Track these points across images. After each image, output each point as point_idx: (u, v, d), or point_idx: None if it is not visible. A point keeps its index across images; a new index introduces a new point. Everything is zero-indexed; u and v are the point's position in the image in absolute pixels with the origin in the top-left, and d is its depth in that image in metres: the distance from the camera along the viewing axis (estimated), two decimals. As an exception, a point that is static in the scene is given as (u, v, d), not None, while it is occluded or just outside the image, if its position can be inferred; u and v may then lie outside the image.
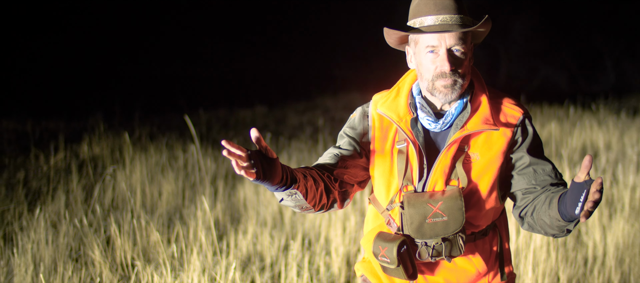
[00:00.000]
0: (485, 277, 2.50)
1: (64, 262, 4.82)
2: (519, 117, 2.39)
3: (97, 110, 13.18)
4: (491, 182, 2.37)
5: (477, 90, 2.42)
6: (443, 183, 2.34)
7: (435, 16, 2.28)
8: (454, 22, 2.27)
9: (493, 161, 2.36)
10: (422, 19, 2.30)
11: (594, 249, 5.34)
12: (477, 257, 2.46)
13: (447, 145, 2.31)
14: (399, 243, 2.31)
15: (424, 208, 2.29)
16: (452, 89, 2.29)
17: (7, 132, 10.48)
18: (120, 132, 9.75)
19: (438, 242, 2.32)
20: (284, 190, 2.18)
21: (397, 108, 2.42)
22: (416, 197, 2.32)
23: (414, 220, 2.30)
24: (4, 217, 5.98)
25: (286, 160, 8.49)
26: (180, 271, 4.85)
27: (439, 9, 2.28)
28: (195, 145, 8.40)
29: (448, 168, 2.34)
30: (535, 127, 2.45)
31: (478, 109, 2.36)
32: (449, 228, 2.29)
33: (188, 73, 27.36)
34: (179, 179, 7.27)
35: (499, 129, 2.33)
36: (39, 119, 12.37)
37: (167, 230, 5.84)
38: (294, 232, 5.89)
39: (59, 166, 7.99)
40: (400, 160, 2.39)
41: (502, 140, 2.36)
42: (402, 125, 2.37)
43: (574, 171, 7.70)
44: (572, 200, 2.04)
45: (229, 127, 13.09)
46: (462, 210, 2.27)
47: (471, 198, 2.37)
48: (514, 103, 2.44)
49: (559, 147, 9.65)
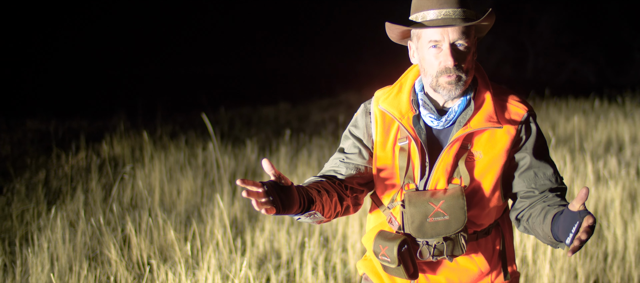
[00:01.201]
0: (487, 277, 2.45)
1: (79, 261, 4.83)
2: (524, 115, 2.34)
3: (121, 109, 13.26)
4: (494, 180, 2.32)
5: (481, 87, 2.36)
6: (445, 182, 2.30)
7: (438, 10, 2.22)
8: (456, 16, 2.21)
9: (496, 159, 2.31)
10: (424, 13, 2.25)
11: (615, 244, 5.24)
12: (480, 256, 2.41)
13: (450, 143, 2.27)
14: (399, 242, 2.26)
15: (425, 207, 2.25)
16: (456, 86, 2.24)
17: (31, 132, 10.57)
18: (141, 130, 9.78)
19: (439, 241, 2.28)
20: (303, 213, 2.17)
21: (399, 104, 2.37)
22: (417, 195, 2.28)
23: (415, 219, 2.26)
24: (24, 217, 6.02)
25: (306, 157, 8.46)
26: (196, 269, 4.84)
27: (442, 3, 2.23)
28: (213, 142, 8.40)
29: (450, 166, 2.29)
30: (540, 126, 2.42)
31: (482, 106, 2.31)
32: (451, 227, 2.24)
33: (212, 71, 27.46)
34: (197, 177, 7.27)
35: (502, 126, 2.28)
36: (63, 119, 12.47)
37: (185, 228, 5.84)
38: (312, 230, 5.86)
39: (80, 165, 8.04)
40: (402, 157, 2.34)
41: (506, 138, 2.31)
42: (404, 122, 2.32)
43: (596, 165, 7.58)
44: (564, 227, 2.04)
45: (252, 124, 13.10)
46: (464, 209, 2.23)
47: (474, 197, 2.33)
48: (519, 100, 2.38)
49: (583, 141, 9.52)
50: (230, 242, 5.24)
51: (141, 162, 8.03)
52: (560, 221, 2.07)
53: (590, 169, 7.13)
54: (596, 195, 6.44)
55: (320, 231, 5.78)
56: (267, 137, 10.99)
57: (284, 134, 10.01)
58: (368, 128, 2.46)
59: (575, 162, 7.81)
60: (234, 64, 30.07)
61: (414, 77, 2.45)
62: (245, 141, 9.55)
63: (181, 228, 5.77)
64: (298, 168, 7.86)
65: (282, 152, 8.51)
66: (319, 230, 5.78)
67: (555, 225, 2.12)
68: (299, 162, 8.11)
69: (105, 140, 9.44)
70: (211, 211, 6.21)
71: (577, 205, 1.99)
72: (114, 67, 25.93)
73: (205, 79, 24.65)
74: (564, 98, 15.34)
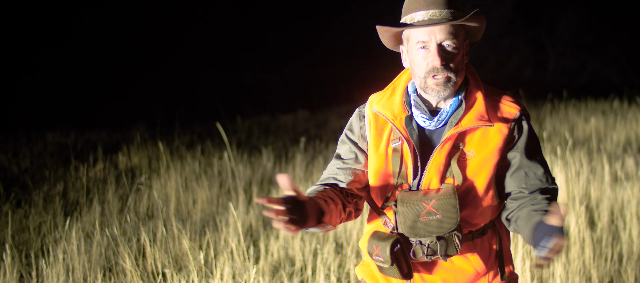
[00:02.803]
0: (484, 277, 2.43)
1: (94, 272, 4.88)
2: (516, 114, 2.34)
3: (140, 120, 13.35)
4: (487, 179, 2.32)
5: (472, 87, 2.37)
6: (438, 181, 2.30)
7: (425, 11, 2.25)
8: (443, 16, 2.24)
9: (489, 158, 2.31)
10: (412, 15, 2.28)
11: (630, 245, 5.20)
12: (475, 256, 2.39)
13: (441, 142, 2.27)
14: (392, 242, 2.27)
15: (417, 206, 2.25)
16: (445, 86, 2.26)
17: (51, 145, 10.68)
18: (159, 141, 9.85)
19: (433, 241, 2.27)
20: (316, 226, 2.21)
21: (392, 106, 2.39)
22: (410, 195, 2.28)
23: (407, 218, 2.26)
24: (41, 229, 6.08)
25: (322, 165, 8.47)
26: (209, 277, 4.87)
27: (429, 4, 2.25)
28: (228, 151, 8.44)
29: (442, 166, 2.29)
30: (533, 128, 2.39)
31: (473, 105, 2.31)
32: (443, 226, 2.24)
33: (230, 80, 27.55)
34: (213, 186, 7.31)
35: (494, 125, 2.28)
36: (83, 131, 12.58)
37: (199, 237, 5.87)
38: (326, 237, 5.86)
39: (97, 177, 8.11)
40: (395, 158, 2.35)
41: (498, 137, 2.31)
42: (396, 123, 2.33)
43: (614, 166, 7.52)
44: (538, 239, 2.07)
45: (270, 132, 13.13)
46: (456, 208, 2.22)
47: (467, 196, 2.32)
48: (512, 100, 2.39)
49: (601, 141, 9.45)
50: (244, 250, 5.26)
51: (157, 172, 8.09)
52: (537, 232, 2.10)
53: (607, 170, 7.07)
54: (613, 196, 6.39)
55: (334, 238, 5.79)
56: (284, 145, 11.01)
57: (300, 141, 10.02)
58: (362, 131, 2.48)
59: (592, 163, 7.75)
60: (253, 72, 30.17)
61: (407, 79, 2.47)
62: (262, 149, 9.58)
63: (196, 238, 5.80)
64: (313, 175, 7.87)
65: (298, 160, 8.53)
66: (333, 236, 5.78)
67: (534, 235, 2.13)
68: (315, 169, 8.13)
69: (122, 152, 9.52)
70: (226, 220, 6.23)
71: (553, 222, 2.01)
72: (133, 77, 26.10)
73: (224, 88, 24.74)
74: (584, 99, 15.22)
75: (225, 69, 30.21)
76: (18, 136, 11.48)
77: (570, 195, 6.30)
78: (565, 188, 6.37)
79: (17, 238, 5.84)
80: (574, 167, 7.08)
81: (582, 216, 5.45)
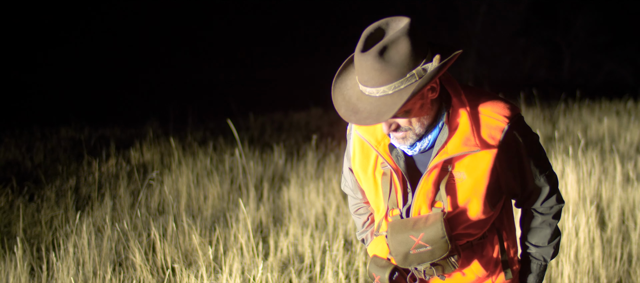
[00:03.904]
0: (488, 279, 2.43)
1: (104, 266, 4.91)
2: (504, 129, 2.18)
3: (154, 116, 13.40)
4: (481, 200, 2.24)
5: (455, 105, 2.19)
6: (427, 207, 2.24)
7: (362, 87, 2.04)
8: (381, 94, 2.00)
9: (480, 180, 2.21)
10: (358, 78, 2.06)
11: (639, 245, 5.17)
12: (475, 263, 2.38)
13: (427, 171, 2.19)
14: (389, 271, 2.30)
15: (407, 240, 2.20)
16: (406, 141, 2.17)
17: (65, 140, 10.73)
18: (171, 137, 9.88)
19: (427, 267, 2.27)
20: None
21: (374, 131, 2.29)
22: (400, 226, 2.24)
23: (398, 252, 2.23)
24: (52, 223, 6.12)
25: (333, 162, 8.48)
26: (218, 273, 4.88)
27: (366, 79, 2.00)
28: (239, 148, 8.46)
29: (431, 192, 2.23)
30: (526, 127, 2.27)
31: (457, 128, 2.17)
32: (435, 255, 2.20)
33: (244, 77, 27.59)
34: (224, 183, 7.33)
35: (480, 150, 2.15)
36: (97, 127, 12.64)
37: (209, 233, 5.89)
38: (335, 234, 5.87)
39: (110, 172, 8.15)
40: (385, 182, 2.29)
41: (488, 157, 2.18)
42: (380, 150, 2.26)
43: (626, 167, 7.48)
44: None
45: (282, 129, 13.14)
46: (445, 238, 2.16)
47: (460, 217, 2.27)
48: (498, 111, 2.20)
49: (614, 142, 9.40)
50: (253, 247, 5.28)
51: (169, 168, 8.12)
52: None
53: (619, 171, 7.04)
54: (624, 196, 6.35)
55: (344, 235, 5.79)
56: (296, 143, 11.02)
57: (312, 139, 10.03)
58: (349, 153, 2.46)
59: (604, 164, 7.71)
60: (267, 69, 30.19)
61: None
62: (273, 147, 9.60)
63: (206, 233, 5.82)
64: (324, 172, 7.88)
65: (309, 157, 8.54)
66: (343, 234, 5.79)
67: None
68: (326, 167, 8.13)
69: (135, 147, 9.56)
70: (236, 216, 6.26)
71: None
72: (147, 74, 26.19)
73: (237, 85, 24.78)
74: (598, 99, 15.14)
75: (239, 66, 30.26)
76: (32, 131, 11.55)
77: (582, 195, 6.27)
78: (576, 188, 6.34)
79: (29, 232, 5.88)
80: (586, 166, 7.05)
81: (593, 216, 5.43)
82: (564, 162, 7.32)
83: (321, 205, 6.58)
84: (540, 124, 11.37)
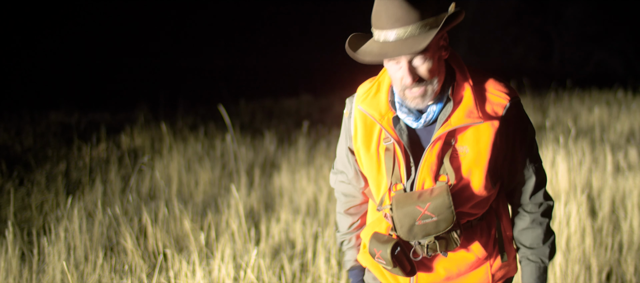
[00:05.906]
0: (486, 262, 2.43)
1: (95, 250, 4.90)
2: (506, 105, 2.24)
3: (144, 101, 13.34)
4: (483, 174, 2.26)
5: (459, 80, 2.26)
6: (431, 180, 2.25)
7: (388, 32, 2.08)
8: (408, 35, 2.06)
9: (483, 153, 2.24)
10: (378, 33, 2.13)
11: (631, 234, 5.20)
12: (476, 243, 2.38)
13: (431, 142, 2.21)
14: (392, 245, 2.26)
15: (413, 211, 2.20)
16: (423, 98, 2.18)
17: (54, 125, 10.69)
18: (162, 122, 9.86)
19: (431, 241, 2.26)
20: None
21: (378, 105, 2.30)
22: (405, 198, 2.24)
23: (403, 223, 2.22)
24: (43, 208, 6.10)
25: (325, 149, 8.48)
26: (210, 258, 4.88)
27: (393, 21, 2.06)
28: (230, 134, 8.44)
29: (435, 165, 2.24)
30: (525, 112, 2.33)
31: (461, 101, 2.22)
32: (440, 227, 2.21)
33: (234, 63, 27.51)
34: (215, 168, 7.32)
35: (484, 122, 2.20)
36: (87, 111, 12.58)
37: (201, 219, 5.88)
38: (327, 220, 5.87)
39: (100, 157, 8.12)
40: (388, 158, 2.30)
41: (490, 131, 2.22)
42: (384, 124, 2.26)
43: (616, 157, 7.52)
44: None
45: (273, 116, 13.12)
46: (451, 208, 2.17)
47: (464, 192, 2.28)
48: (500, 89, 2.27)
49: (604, 131, 9.44)
50: (245, 232, 5.28)
51: (160, 153, 8.10)
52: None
53: (609, 160, 7.07)
54: (614, 186, 6.39)
55: (335, 222, 5.79)
56: (287, 129, 11.01)
57: (303, 125, 10.03)
58: (350, 132, 2.45)
59: (595, 153, 7.75)
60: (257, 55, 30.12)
61: None
62: (264, 133, 9.59)
63: (197, 219, 5.82)
64: (315, 159, 7.88)
65: (301, 144, 8.54)
66: (334, 220, 5.79)
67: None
68: (317, 153, 8.13)
69: (125, 132, 9.53)
70: (228, 201, 6.25)
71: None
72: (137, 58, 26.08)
73: (228, 70, 24.71)
74: (588, 89, 15.20)
75: (230, 52, 30.17)
76: (21, 115, 11.48)
77: (572, 184, 6.30)
78: (567, 177, 6.37)
79: (19, 216, 5.86)
80: (577, 156, 7.08)
81: (583, 205, 5.46)
82: (555, 151, 7.35)
83: (312, 191, 6.58)
84: (531, 113, 11.40)
